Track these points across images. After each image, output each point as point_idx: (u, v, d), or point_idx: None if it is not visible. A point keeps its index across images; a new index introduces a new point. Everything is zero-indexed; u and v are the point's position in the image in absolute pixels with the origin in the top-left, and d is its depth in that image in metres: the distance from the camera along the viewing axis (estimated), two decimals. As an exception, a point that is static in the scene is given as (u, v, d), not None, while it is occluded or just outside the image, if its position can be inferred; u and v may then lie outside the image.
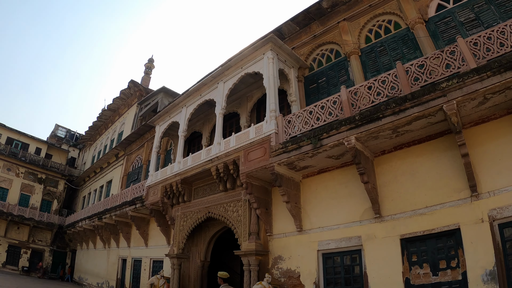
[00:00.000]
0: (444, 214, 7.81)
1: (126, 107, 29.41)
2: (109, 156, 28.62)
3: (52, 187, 36.96)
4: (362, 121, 8.20)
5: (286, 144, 9.79)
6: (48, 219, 34.03)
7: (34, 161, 35.70)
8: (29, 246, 33.41)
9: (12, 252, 32.40)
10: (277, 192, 10.89)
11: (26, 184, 35.11)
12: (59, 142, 42.87)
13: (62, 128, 45.84)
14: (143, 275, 18.57)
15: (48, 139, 43.04)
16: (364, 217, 9.24)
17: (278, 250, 11.04)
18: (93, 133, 36.56)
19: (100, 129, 34.92)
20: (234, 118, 15.12)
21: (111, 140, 31.15)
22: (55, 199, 36.98)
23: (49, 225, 33.94)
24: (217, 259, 15.75)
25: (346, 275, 9.51)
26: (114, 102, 29.97)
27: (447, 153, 8.11)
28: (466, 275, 7.30)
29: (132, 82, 27.68)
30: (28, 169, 35.39)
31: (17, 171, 34.70)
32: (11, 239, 32.46)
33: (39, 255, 34.10)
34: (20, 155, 34.86)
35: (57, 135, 44.53)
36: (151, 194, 16.03)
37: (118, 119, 30.61)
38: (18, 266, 32.23)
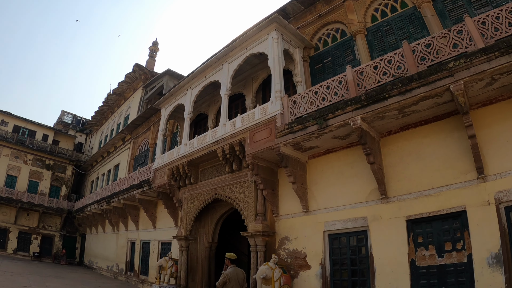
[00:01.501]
0: (450, 196, 7.78)
1: (131, 90, 29.39)
2: (116, 140, 28.76)
3: (60, 173, 37.26)
4: (368, 101, 8.12)
5: (292, 125, 9.76)
6: (57, 204, 34.43)
7: (41, 148, 35.93)
8: (39, 232, 33.91)
9: (23, 238, 32.92)
10: (283, 173, 10.90)
11: (34, 171, 35.42)
12: (66, 128, 43.04)
13: (69, 114, 45.94)
14: (151, 257, 18.82)
15: (55, 126, 43.19)
16: (370, 198, 9.24)
17: (285, 231, 11.10)
18: (99, 117, 36.65)
19: (106, 113, 34.99)
20: (239, 99, 15.07)
21: (117, 124, 31.23)
22: (63, 185, 37.32)
23: (58, 211, 34.36)
24: (224, 241, 15.88)
25: (352, 256, 9.57)
26: (119, 86, 29.93)
27: (454, 134, 8.03)
28: (471, 258, 7.31)
29: (137, 66, 27.56)
30: (36, 156, 35.65)
31: (25, 158, 34.99)
32: (21, 226, 32.96)
33: (49, 241, 34.60)
34: (28, 142, 35.09)
35: (64, 121, 44.65)
36: (158, 177, 16.12)
37: (124, 103, 30.64)
38: (29, 252, 32.78)
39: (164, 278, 14.29)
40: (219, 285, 7.75)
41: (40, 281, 17.04)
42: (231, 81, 12.96)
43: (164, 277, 14.32)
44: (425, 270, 8.00)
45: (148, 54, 34.16)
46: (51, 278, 19.49)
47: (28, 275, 19.13)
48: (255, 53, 12.24)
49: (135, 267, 20.86)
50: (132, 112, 27.79)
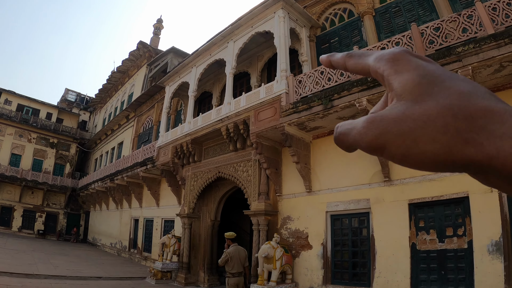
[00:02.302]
0: (453, 182, 7.80)
1: (135, 68, 29.23)
2: (119, 118, 28.75)
3: (64, 151, 37.37)
4: (374, 83, 8.08)
5: (297, 104, 9.72)
6: (61, 182, 34.66)
7: (45, 126, 35.96)
8: (44, 209, 34.23)
9: (27, 216, 33.31)
10: (287, 153, 10.89)
11: (38, 149, 35.57)
12: (70, 106, 42.96)
13: (72, 92, 45.86)
14: (155, 234, 19.02)
15: (59, 104, 43.12)
16: (373, 180, 9.27)
17: (287, 210, 11.15)
18: (103, 95, 36.56)
19: (110, 91, 34.88)
20: (244, 78, 14.97)
21: (121, 102, 31.12)
22: (67, 163, 37.46)
23: (63, 189, 34.60)
24: (227, 219, 15.98)
25: (354, 237, 9.65)
26: (123, 64, 29.76)
27: None
28: (472, 244, 7.38)
29: (141, 43, 27.37)
30: (40, 134, 35.72)
31: (29, 137, 35.07)
32: (26, 204, 33.29)
33: (53, 218, 34.97)
34: (31, 121, 35.06)
35: (68, 99, 44.60)
36: (161, 154, 16.16)
37: (128, 81, 30.51)
38: (33, 229, 33.17)
39: (167, 255, 14.45)
40: (221, 262, 7.81)
41: (45, 258, 17.26)
42: (236, 59, 12.84)
43: (167, 254, 14.47)
44: (425, 255, 8.09)
45: (152, 31, 33.87)
46: (56, 255, 19.73)
47: (33, 252, 19.36)
48: (261, 31, 12.10)
49: (138, 244, 21.09)
50: (136, 90, 27.68)
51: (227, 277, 7.83)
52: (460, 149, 0.30)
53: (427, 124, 0.31)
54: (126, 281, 13.76)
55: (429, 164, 0.32)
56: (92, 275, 13.94)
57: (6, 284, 9.84)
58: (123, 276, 14.47)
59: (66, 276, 12.92)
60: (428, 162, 0.32)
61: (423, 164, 0.32)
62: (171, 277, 14.26)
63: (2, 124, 33.47)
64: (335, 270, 9.78)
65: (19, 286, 9.93)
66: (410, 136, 0.32)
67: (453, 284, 7.61)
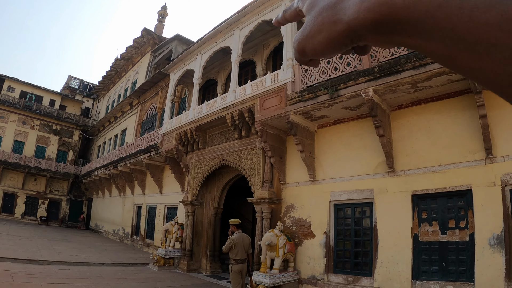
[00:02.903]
0: (457, 174, 7.81)
1: (139, 55, 29.12)
2: (123, 105, 28.70)
3: (67, 138, 37.47)
4: (381, 73, 8.03)
5: (303, 93, 9.68)
6: (64, 169, 34.83)
7: (48, 113, 36.02)
8: (47, 196, 34.48)
9: (30, 203, 33.58)
10: (292, 141, 10.87)
11: (41, 136, 35.66)
12: (73, 93, 42.96)
13: (76, 79, 45.81)
14: (157, 221, 19.11)
15: (62, 91, 43.12)
16: (377, 170, 9.26)
17: (291, 199, 11.17)
18: (106, 82, 36.48)
19: (114, 78, 34.78)
20: (249, 66, 14.90)
21: (125, 89, 31.09)
22: (70, 150, 37.59)
23: (65, 175, 34.77)
24: (229, 207, 16.03)
25: (356, 227, 9.67)
26: (127, 51, 29.62)
27: (465, 112, 7.97)
28: (473, 237, 7.40)
29: (145, 30, 27.23)
30: (43, 121, 35.81)
31: (32, 123, 35.16)
32: (29, 191, 33.54)
33: (56, 205, 35.21)
34: (35, 107, 35.14)
35: (71, 86, 44.59)
36: (165, 141, 16.17)
37: (132, 68, 30.41)
38: (36, 216, 33.44)
39: (170, 242, 14.53)
40: (225, 249, 7.83)
41: (47, 245, 17.40)
42: (242, 47, 12.77)
43: (169, 241, 14.56)
44: (427, 246, 8.11)
45: (156, 19, 33.63)
46: (59, 241, 19.88)
47: (36, 238, 19.52)
48: (268, 19, 11.99)
49: (141, 231, 21.20)
50: (140, 77, 27.61)
51: (231, 264, 7.86)
52: (334, 28, 0.42)
53: (314, 23, 0.44)
54: (129, 267, 13.86)
55: (327, 48, 0.45)
56: (95, 261, 14.07)
57: (10, 270, 9.92)
58: (126, 262, 14.58)
59: (69, 262, 13.03)
60: (326, 47, 0.45)
61: (322, 50, 0.46)
62: (173, 264, 14.35)
63: (5, 111, 33.56)
64: (337, 259, 9.82)
65: (23, 272, 10.00)
66: (310, 35, 0.45)
67: (454, 276, 7.63)
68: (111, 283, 10.12)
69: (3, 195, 32.30)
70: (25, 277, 9.31)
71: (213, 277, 13.10)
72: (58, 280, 9.58)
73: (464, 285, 7.41)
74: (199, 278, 12.62)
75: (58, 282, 9.33)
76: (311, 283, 9.97)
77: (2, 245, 14.59)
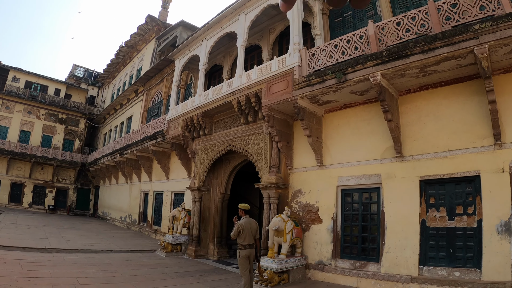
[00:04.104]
0: (465, 160, 7.77)
1: (144, 42, 29.02)
2: (128, 93, 28.73)
3: (73, 127, 37.63)
4: (389, 57, 7.92)
5: (310, 78, 9.60)
6: (71, 158, 35.08)
7: (54, 102, 36.15)
8: (54, 185, 34.81)
9: (38, 192, 33.95)
10: (299, 126, 10.83)
11: (47, 125, 35.86)
12: (78, 81, 42.97)
13: (80, 67, 45.78)
14: (164, 208, 19.23)
15: (67, 80, 43.25)
16: (385, 155, 9.21)
17: (298, 184, 11.15)
18: (111, 70, 36.47)
19: (119, 66, 34.75)
20: (255, 51, 14.78)
21: (130, 76, 31.08)
22: (76, 138, 37.78)
23: (72, 164, 35.01)
24: (236, 192, 16.04)
25: (364, 212, 9.67)
26: (131, 38, 29.51)
27: (474, 98, 7.89)
28: (481, 223, 7.38)
29: (150, 17, 27.02)
30: (49, 111, 35.96)
31: (38, 113, 35.34)
32: (36, 180, 33.90)
33: (63, 193, 35.60)
34: (40, 97, 35.28)
35: (76, 74, 44.59)
36: (172, 128, 16.16)
37: (137, 55, 30.33)
38: (44, 205, 33.85)
39: (177, 228, 14.61)
40: (233, 235, 7.81)
41: (56, 233, 17.55)
42: (248, 32, 12.63)
43: (177, 227, 14.63)
44: (435, 232, 8.10)
45: (160, 5, 33.34)
46: (67, 229, 20.07)
47: (44, 227, 19.69)
48: (273, 3, 11.84)
49: (148, 218, 21.34)
50: (145, 64, 27.55)
51: (239, 249, 7.84)
52: None
53: None
54: (137, 253, 13.96)
55: None
56: (103, 248, 14.17)
57: (19, 258, 10.00)
58: (133, 249, 14.69)
59: (77, 249, 13.14)
60: None
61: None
62: (181, 250, 14.42)
63: (11, 101, 33.73)
64: (344, 245, 9.83)
65: (31, 260, 10.07)
66: None
67: (461, 262, 7.63)
68: (119, 270, 10.18)
69: (11, 185, 32.66)
70: (34, 265, 9.37)
71: (221, 262, 13.18)
72: (66, 268, 9.65)
73: (471, 272, 7.40)
74: (206, 264, 12.69)
75: (67, 270, 9.38)
76: (318, 268, 10.00)
77: (10, 234, 14.73)
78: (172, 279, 9.59)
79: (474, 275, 7.33)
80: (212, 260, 13.58)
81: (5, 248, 11.50)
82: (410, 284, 8.05)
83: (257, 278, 9.06)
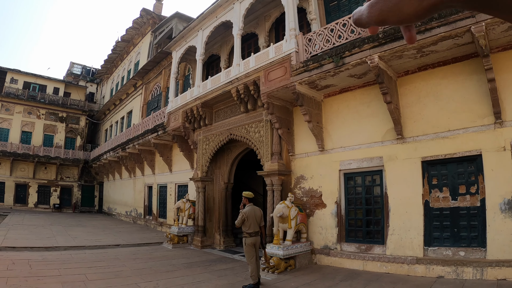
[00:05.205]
0: (466, 139, 7.78)
1: (140, 36, 28.88)
2: (127, 87, 28.68)
3: (74, 124, 37.70)
4: (386, 39, 7.88)
5: (307, 63, 9.56)
6: (73, 155, 35.26)
7: (53, 101, 36.19)
8: (58, 184, 35.03)
9: (43, 191, 34.23)
10: (299, 112, 10.80)
11: (48, 125, 35.96)
12: (76, 79, 42.92)
13: (78, 65, 45.63)
14: (169, 200, 19.32)
15: (65, 78, 43.15)
16: (386, 137, 9.22)
17: (300, 169, 11.17)
18: (109, 66, 36.36)
19: (116, 61, 34.63)
20: (252, 39, 14.68)
21: (127, 71, 30.99)
22: (78, 136, 37.87)
23: (75, 161, 35.20)
24: (239, 181, 16.08)
25: (367, 195, 9.70)
26: (127, 33, 29.35)
27: (473, 77, 7.87)
28: (484, 202, 7.42)
29: (144, 10, 26.88)
30: (49, 110, 36.02)
31: (38, 113, 35.41)
32: (40, 180, 34.16)
33: (68, 191, 35.84)
34: (39, 97, 35.30)
35: (73, 72, 44.46)
36: (172, 120, 16.16)
37: (133, 49, 30.20)
38: (49, 204, 34.13)
39: (182, 219, 14.69)
40: (238, 223, 7.84)
41: (63, 231, 17.70)
42: (243, 20, 12.53)
43: (182, 218, 14.71)
44: (438, 212, 8.15)
45: (154, -2, 33.16)
46: (73, 227, 20.24)
47: (50, 226, 19.83)
48: (268, -10, 11.76)
49: (153, 211, 21.45)
50: (142, 57, 27.44)
51: (244, 237, 7.89)
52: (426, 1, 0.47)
53: None
54: (144, 247, 14.06)
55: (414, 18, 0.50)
56: (110, 243, 14.29)
57: (28, 258, 10.07)
58: (140, 243, 14.79)
59: (85, 246, 13.27)
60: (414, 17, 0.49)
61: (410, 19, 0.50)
62: (187, 241, 14.51)
63: (10, 103, 33.83)
64: (349, 228, 9.89)
65: (40, 259, 10.15)
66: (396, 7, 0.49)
67: (466, 242, 7.69)
68: (127, 264, 10.25)
69: (15, 186, 32.91)
70: (43, 264, 9.45)
71: (227, 251, 13.28)
72: (75, 265, 9.71)
73: (476, 251, 7.45)
74: (213, 254, 12.77)
75: (75, 267, 9.45)
76: (324, 253, 10.07)
77: (18, 235, 14.84)
78: (179, 270, 9.65)
79: (479, 254, 7.38)
80: (219, 250, 13.68)
81: (13, 249, 11.61)
82: (416, 265, 8.11)
83: (264, 265, 9.12)
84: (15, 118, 34.03)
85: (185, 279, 8.55)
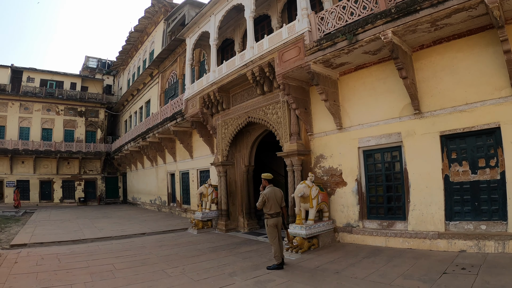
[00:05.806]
0: (484, 112, 7.64)
1: (153, 25, 28.93)
2: (143, 77, 28.90)
3: (93, 118, 38.34)
4: (398, 14, 7.71)
5: (321, 42, 9.46)
6: (95, 148, 35.98)
7: (71, 97, 36.84)
8: (82, 177, 35.97)
9: (67, 186, 35.27)
10: (315, 92, 10.75)
11: (68, 120, 36.70)
12: (92, 72, 43.43)
13: (93, 58, 46.01)
14: (191, 186, 19.62)
15: (81, 72, 43.64)
16: (403, 113, 9.13)
17: (320, 149, 11.18)
18: (124, 57, 36.53)
19: (131, 52, 34.79)
20: (265, 21, 14.57)
21: (143, 61, 31.16)
22: (98, 129, 38.52)
23: (97, 154, 35.93)
24: (260, 163, 16.15)
25: (387, 172, 9.67)
26: (140, 23, 29.39)
27: (488, 49, 7.67)
28: (504, 175, 7.34)
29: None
30: (67, 105, 36.73)
31: (57, 109, 36.12)
32: (64, 175, 35.12)
33: (92, 184, 36.78)
34: (57, 93, 35.93)
35: (89, 66, 44.90)
36: (190, 106, 16.29)
37: (147, 39, 30.29)
38: (74, 198, 35.15)
39: (206, 204, 14.92)
40: (259, 205, 7.94)
41: (89, 223, 18.17)
42: (255, 2, 12.44)
43: (205, 203, 14.94)
44: (459, 186, 8.09)
45: (165, -15, 33.06)
46: (99, 219, 20.76)
47: (77, 219, 20.36)
48: (279, -30, 11.63)
49: (177, 198, 21.83)
50: (156, 46, 27.53)
51: (266, 219, 7.98)
52: None
53: None
54: (169, 234, 14.33)
55: None
56: (136, 232, 14.60)
57: (56, 253, 10.33)
58: (165, 230, 15.08)
59: (111, 236, 13.56)
60: None
61: None
62: (212, 226, 14.76)
63: (29, 101, 34.58)
64: (370, 206, 9.90)
65: (68, 253, 10.41)
66: None
67: (487, 215, 7.64)
68: (154, 251, 10.47)
69: (40, 183, 33.94)
70: (71, 258, 9.70)
71: (251, 234, 13.46)
72: (102, 256, 9.95)
73: (498, 224, 7.41)
74: (237, 237, 12.96)
75: (103, 257, 9.69)
76: (347, 230, 10.14)
77: (45, 231, 15.24)
78: (205, 254, 9.82)
79: (501, 228, 7.34)
80: (243, 233, 13.89)
81: (41, 244, 11.93)
82: (437, 240, 8.11)
83: (287, 246, 9.21)
84: (34, 116, 34.82)
85: (210, 262, 8.70)
